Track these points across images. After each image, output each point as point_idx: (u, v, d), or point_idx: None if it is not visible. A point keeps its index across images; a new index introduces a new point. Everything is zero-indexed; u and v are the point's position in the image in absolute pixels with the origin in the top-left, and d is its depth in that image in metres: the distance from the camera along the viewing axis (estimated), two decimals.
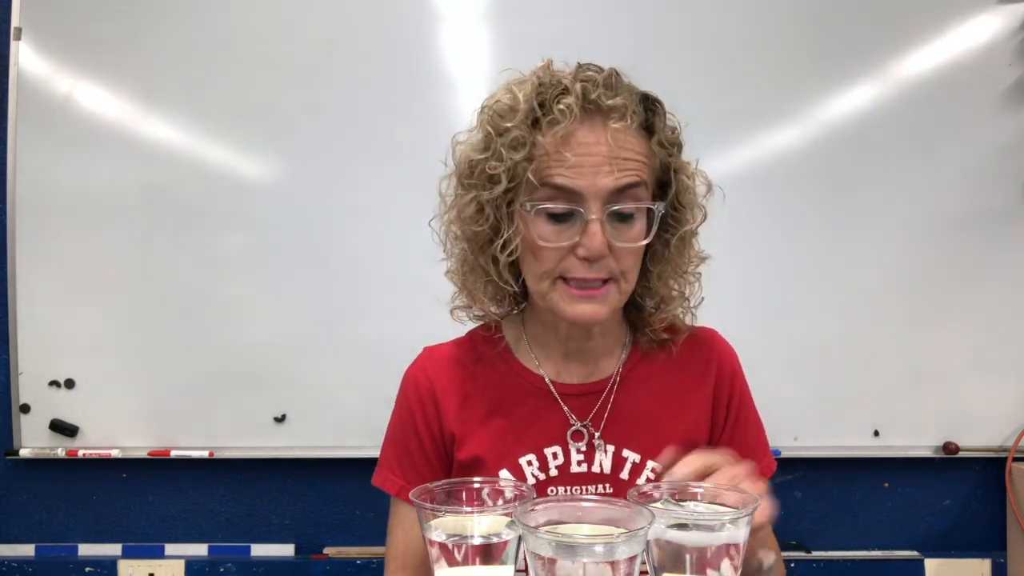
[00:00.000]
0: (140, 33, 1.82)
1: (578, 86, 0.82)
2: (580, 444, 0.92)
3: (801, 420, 1.85)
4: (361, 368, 1.83)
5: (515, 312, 1.00)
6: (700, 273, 0.95)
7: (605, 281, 0.86)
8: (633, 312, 0.98)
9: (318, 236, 1.84)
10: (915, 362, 1.87)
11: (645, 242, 0.86)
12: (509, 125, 0.84)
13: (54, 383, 1.83)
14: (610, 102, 0.82)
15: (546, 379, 0.95)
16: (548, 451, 0.92)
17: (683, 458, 0.73)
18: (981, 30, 1.85)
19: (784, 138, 1.86)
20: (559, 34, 1.80)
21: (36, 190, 1.82)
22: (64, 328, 1.83)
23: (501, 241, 0.87)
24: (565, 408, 0.94)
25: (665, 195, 0.89)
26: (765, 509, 0.69)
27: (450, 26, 1.85)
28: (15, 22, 1.81)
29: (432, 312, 1.00)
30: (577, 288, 0.85)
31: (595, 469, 0.92)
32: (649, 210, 0.86)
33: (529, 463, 0.91)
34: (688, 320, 0.98)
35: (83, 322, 1.83)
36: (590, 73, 0.84)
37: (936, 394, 1.88)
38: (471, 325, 1.01)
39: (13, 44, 1.81)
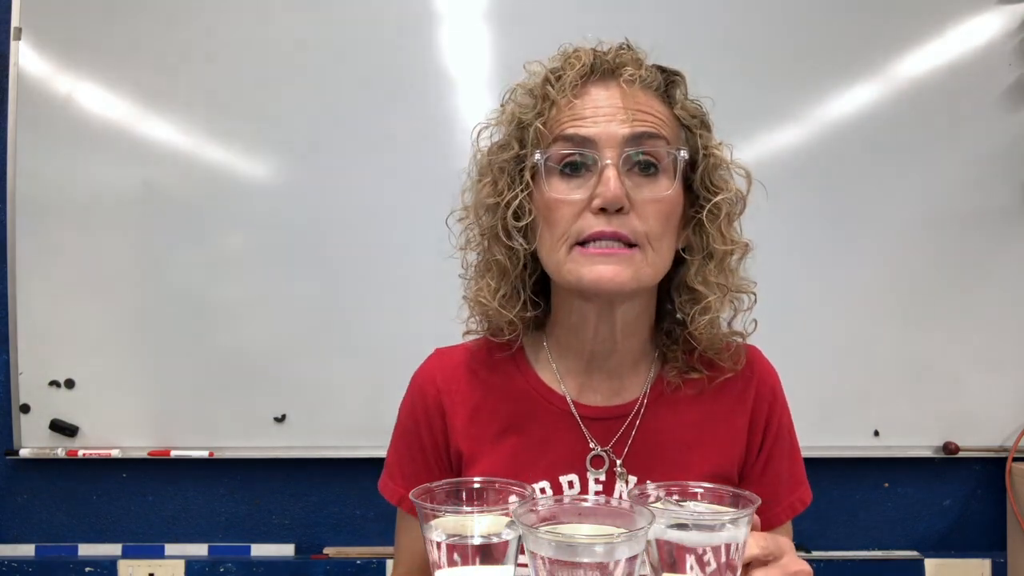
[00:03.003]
0: (140, 33, 1.82)
1: (590, 50, 0.84)
2: (599, 472, 0.85)
3: (801, 420, 1.83)
4: (361, 368, 1.83)
5: (532, 322, 0.91)
6: (755, 289, 0.86)
7: (630, 246, 0.78)
8: (666, 320, 0.89)
9: (318, 236, 1.84)
10: (915, 362, 1.87)
11: (669, 192, 0.79)
12: (522, 92, 0.84)
13: (54, 383, 1.83)
14: (622, 59, 0.82)
15: (568, 398, 0.88)
16: (564, 479, 0.85)
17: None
18: (981, 30, 1.86)
19: (784, 138, 1.86)
20: (559, 34, 1.79)
21: (36, 190, 1.82)
22: (64, 328, 1.83)
23: (506, 200, 0.81)
24: (586, 432, 0.86)
25: (694, 171, 0.83)
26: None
27: (450, 26, 1.85)
28: (15, 22, 1.82)
29: (432, 311, 0.98)
30: (593, 247, 0.77)
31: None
32: (674, 164, 0.80)
33: (542, 491, 0.84)
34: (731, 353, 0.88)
35: (83, 322, 1.83)
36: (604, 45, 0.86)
37: (936, 394, 1.88)
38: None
39: (13, 44, 1.81)
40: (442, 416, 0.89)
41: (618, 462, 0.85)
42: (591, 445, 0.86)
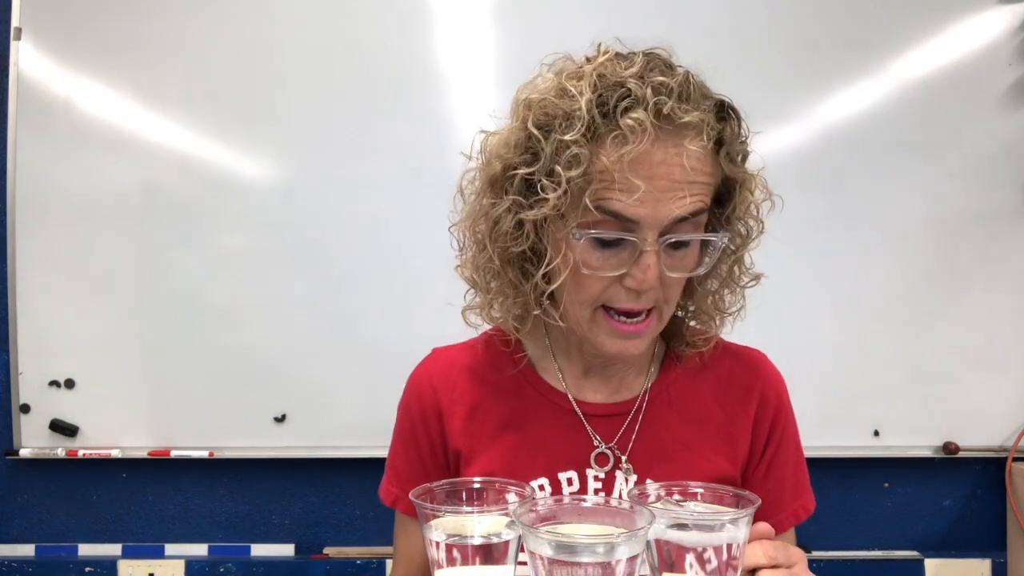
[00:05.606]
0: (140, 33, 1.82)
1: (649, 93, 0.69)
2: (601, 470, 0.84)
3: (801, 420, 1.83)
4: (361, 368, 1.83)
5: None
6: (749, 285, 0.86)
7: (648, 311, 0.78)
8: (670, 326, 0.87)
9: (318, 236, 1.84)
10: (915, 362, 1.87)
11: (700, 272, 0.79)
12: (566, 138, 0.70)
13: (54, 383, 1.83)
14: (687, 118, 0.70)
15: (569, 396, 0.87)
16: (563, 476, 0.84)
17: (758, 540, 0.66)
18: (981, 30, 1.86)
19: (783, 138, 1.86)
20: (559, 34, 1.79)
21: (36, 190, 1.82)
22: (64, 328, 1.83)
23: (544, 271, 0.77)
24: (589, 428, 0.86)
25: (723, 208, 0.80)
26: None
27: (450, 26, 1.85)
28: (15, 22, 1.81)
29: (432, 311, 0.98)
30: (620, 322, 0.77)
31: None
32: (709, 244, 0.78)
33: (540, 487, 0.83)
34: (724, 333, 0.90)
35: (83, 322, 1.83)
36: (661, 78, 0.71)
37: (936, 394, 1.88)
38: (484, 326, 0.91)
39: (13, 44, 1.81)
40: (439, 417, 0.88)
41: (623, 458, 0.84)
42: (595, 443, 0.85)
